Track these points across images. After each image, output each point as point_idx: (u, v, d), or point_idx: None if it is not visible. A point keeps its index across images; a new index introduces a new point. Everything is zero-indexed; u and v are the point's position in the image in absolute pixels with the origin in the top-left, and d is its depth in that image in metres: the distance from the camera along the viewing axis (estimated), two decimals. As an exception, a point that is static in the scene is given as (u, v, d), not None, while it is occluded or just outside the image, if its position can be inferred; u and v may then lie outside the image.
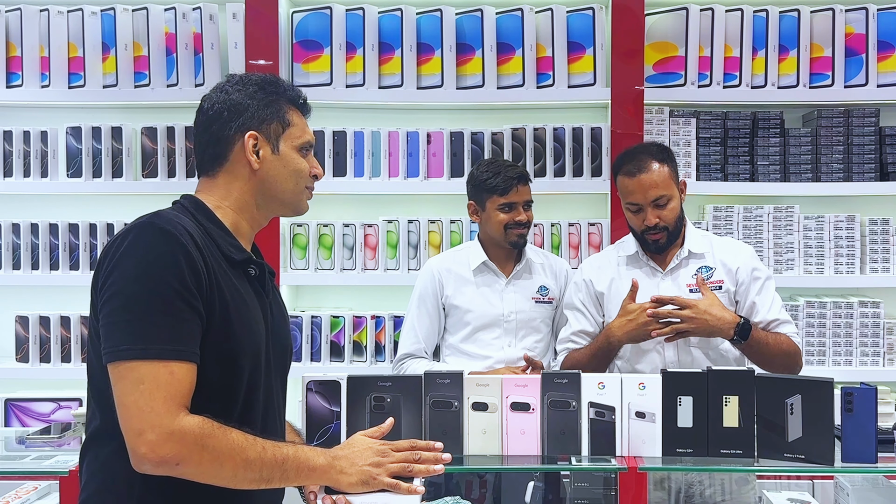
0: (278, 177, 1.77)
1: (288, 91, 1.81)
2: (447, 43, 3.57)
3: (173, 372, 1.50)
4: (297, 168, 1.80)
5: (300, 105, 1.84)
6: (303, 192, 1.84)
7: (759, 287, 2.66)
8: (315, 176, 1.86)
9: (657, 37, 3.61)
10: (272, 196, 1.78)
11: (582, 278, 2.80)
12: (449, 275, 2.96)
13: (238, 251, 1.70)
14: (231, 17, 3.58)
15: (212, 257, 1.61)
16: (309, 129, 1.84)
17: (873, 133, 3.58)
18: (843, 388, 2.12)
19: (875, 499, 2.47)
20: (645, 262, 2.72)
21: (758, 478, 2.97)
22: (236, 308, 1.62)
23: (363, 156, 3.59)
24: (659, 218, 2.61)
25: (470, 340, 2.92)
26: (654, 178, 2.60)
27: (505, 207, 2.88)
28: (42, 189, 3.63)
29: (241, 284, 1.67)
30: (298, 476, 1.62)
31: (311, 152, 1.85)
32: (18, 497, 2.46)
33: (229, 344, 1.60)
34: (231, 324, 1.60)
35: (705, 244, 2.73)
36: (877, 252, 3.54)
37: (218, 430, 1.52)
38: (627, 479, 2.09)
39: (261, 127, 1.74)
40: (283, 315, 1.84)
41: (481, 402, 2.18)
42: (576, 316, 2.78)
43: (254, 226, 1.79)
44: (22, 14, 3.62)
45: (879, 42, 3.56)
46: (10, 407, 3.56)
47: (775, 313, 2.64)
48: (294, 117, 1.81)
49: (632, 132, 3.47)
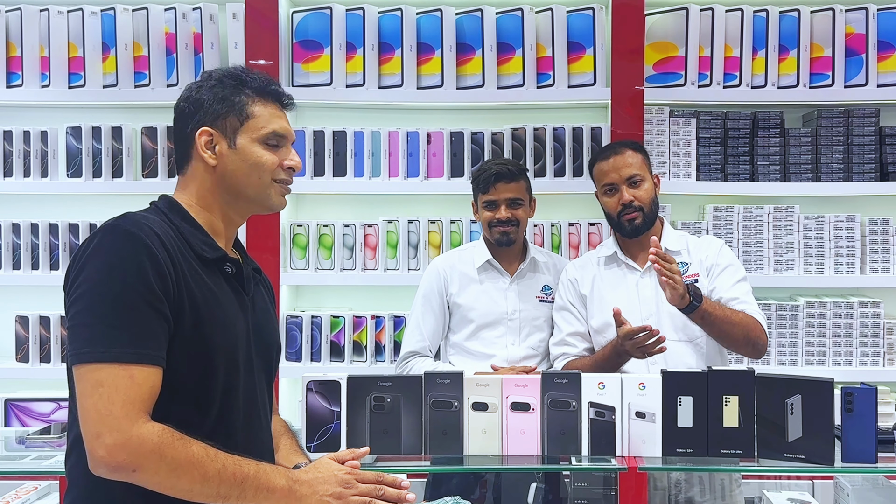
0: (237, 172, 1.71)
1: (253, 82, 1.74)
2: (447, 43, 3.56)
3: (133, 375, 1.48)
4: (256, 161, 1.71)
5: (270, 95, 1.76)
6: (269, 186, 1.73)
7: (721, 271, 2.71)
8: (291, 168, 1.75)
9: (657, 37, 3.61)
10: (236, 192, 1.72)
11: (567, 278, 2.86)
12: (453, 273, 2.97)
13: (212, 249, 1.67)
14: (231, 17, 3.58)
15: (182, 257, 1.60)
16: (278, 120, 1.75)
17: (873, 133, 3.58)
18: (843, 388, 2.12)
19: (875, 499, 2.47)
20: (623, 261, 2.77)
21: (758, 478, 2.98)
22: (208, 307, 1.60)
23: (363, 156, 3.59)
24: (634, 197, 2.69)
25: (474, 339, 2.93)
26: (627, 159, 2.73)
27: (487, 205, 2.90)
28: (42, 189, 3.62)
29: (215, 282, 1.65)
30: (257, 497, 1.54)
31: (284, 143, 1.75)
32: (18, 497, 2.46)
33: (201, 343, 1.58)
34: (202, 323, 1.58)
35: (681, 242, 2.80)
36: (877, 252, 3.54)
37: (178, 441, 1.49)
38: (627, 479, 2.09)
39: (215, 122, 1.70)
40: (266, 312, 1.81)
41: (481, 402, 2.18)
42: (565, 317, 2.82)
43: (228, 223, 1.75)
44: (22, 14, 3.62)
45: (879, 42, 3.56)
46: (10, 407, 3.56)
47: (736, 293, 2.66)
48: (257, 109, 1.72)
49: (632, 132, 3.47)
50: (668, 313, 2.66)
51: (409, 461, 2.21)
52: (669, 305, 2.64)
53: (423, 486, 2.88)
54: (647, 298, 2.72)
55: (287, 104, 1.80)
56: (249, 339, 1.70)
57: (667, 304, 2.64)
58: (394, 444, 2.17)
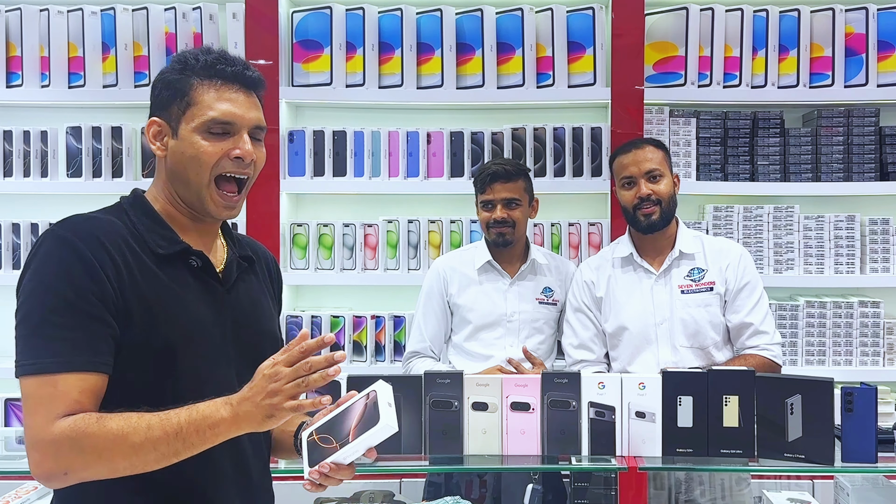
0: (178, 165, 1.59)
1: (197, 63, 1.58)
2: (447, 43, 3.56)
3: (57, 385, 1.44)
4: (193, 154, 1.57)
5: (215, 75, 1.58)
6: (205, 187, 1.58)
7: (740, 290, 2.69)
8: (240, 159, 1.57)
9: (657, 37, 3.60)
10: (182, 188, 1.61)
11: (583, 280, 2.83)
12: (454, 274, 2.97)
13: (170, 244, 1.59)
14: (231, 17, 3.58)
15: (132, 256, 1.53)
16: (222, 104, 1.57)
17: (873, 133, 3.58)
18: (843, 388, 2.12)
19: (875, 499, 2.47)
20: (638, 263, 2.75)
21: (758, 477, 2.97)
22: (162, 305, 1.53)
23: (363, 156, 3.59)
24: (652, 191, 2.67)
25: (473, 339, 2.93)
26: (647, 154, 2.72)
27: (484, 205, 2.90)
28: (42, 189, 3.62)
29: (175, 277, 1.57)
30: (205, 438, 1.44)
31: (234, 131, 1.58)
32: (18, 497, 2.46)
33: (156, 342, 1.52)
34: (157, 322, 1.52)
35: (696, 245, 2.76)
36: (877, 252, 3.54)
37: (94, 424, 1.42)
38: (627, 479, 2.09)
39: (162, 111, 1.61)
40: (256, 303, 1.71)
41: (481, 402, 2.18)
42: (581, 320, 2.80)
43: (193, 217, 1.64)
44: (22, 14, 3.62)
45: (879, 42, 3.56)
46: (10, 407, 3.56)
47: (753, 317, 2.66)
48: (199, 93, 1.57)
49: (632, 132, 3.47)
50: (681, 319, 2.66)
51: (409, 461, 2.22)
52: (683, 310, 2.65)
53: (423, 487, 2.88)
54: (662, 303, 2.70)
55: (244, 82, 1.60)
56: (225, 332, 1.62)
57: (681, 309, 2.65)
58: (394, 443, 2.15)
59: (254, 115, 1.61)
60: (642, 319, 2.69)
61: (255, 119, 1.61)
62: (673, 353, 2.65)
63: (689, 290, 2.68)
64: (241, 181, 1.62)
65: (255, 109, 1.62)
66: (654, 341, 2.68)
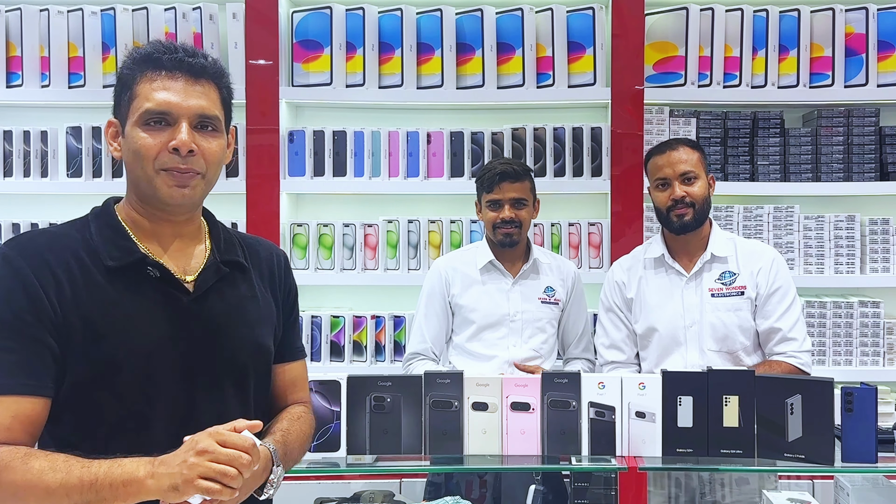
0: (127, 163, 1.53)
1: (136, 53, 1.53)
2: (447, 43, 3.56)
3: None
4: (134, 148, 1.50)
5: (152, 64, 1.50)
6: (153, 176, 1.50)
7: (770, 294, 2.66)
8: (177, 150, 1.48)
9: (657, 37, 3.60)
10: (137, 186, 1.54)
11: (615, 280, 2.82)
12: (455, 274, 2.96)
13: (124, 255, 1.52)
14: (231, 17, 3.58)
15: (80, 271, 1.48)
16: (158, 94, 1.49)
17: (873, 133, 3.58)
18: (843, 388, 2.12)
19: (875, 499, 2.47)
20: (670, 265, 2.73)
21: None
22: (107, 319, 1.48)
23: (363, 156, 3.59)
24: (686, 193, 2.64)
25: (475, 340, 2.92)
26: (682, 155, 2.68)
27: (491, 205, 2.89)
28: (42, 189, 3.62)
29: (128, 290, 1.51)
30: (117, 494, 1.36)
31: (174, 121, 1.49)
32: (18, 497, 2.46)
33: (97, 358, 1.47)
34: (97, 337, 1.47)
35: (729, 247, 2.73)
36: (877, 252, 3.54)
37: (18, 460, 1.38)
38: (627, 479, 2.09)
39: (118, 109, 1.56)
40: (233, 313, 1.61)
41: (481, 402, 2.18)
42: (612, 320, 2.80)
43: (157, 220, 1.57)
44: (22, 14, 3.62)
45: (879, 42, 3.56)
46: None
47: (783, 323, 2.63)
48: (141, 86, 1.50)
49: (632, 132, 3.47)
50: (710, 323, 2.65)
51: (409, 461, 2.21)
52: (713, 314, 2.64)
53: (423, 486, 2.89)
54: (692, 306, 2.68)
55: (188, 70, 1.50)
56: (189, 345, 1.53)
57: (710, 312, 2.64)
58: (394, 443, 2.17)
59: (195, 104, 1.51)
60: (672, 321, 2.67)
61: (197, 107, 1.51)
62: (701, 357, 2.63)
63: (720, 293, 2.66)
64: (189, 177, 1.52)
65: (200, 98, 1.52)
66: (683, 344, 2.66)
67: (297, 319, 1.81)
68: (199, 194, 1.56)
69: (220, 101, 1.58)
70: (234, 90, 1.65)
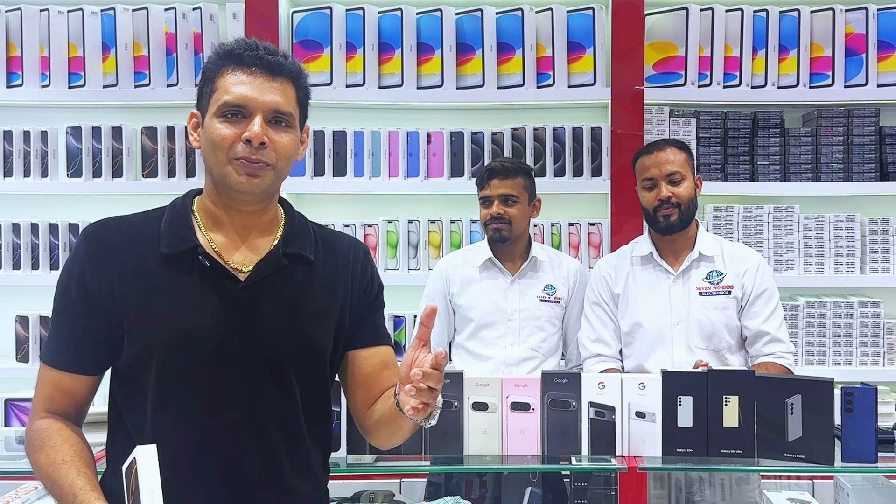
0: (204, 153, 1.58)
1: (222, 49, 1.58)
2: (447, 43, 3.56)
3: (44, 375, 1.60)
4: (210, 139, 1.55)
5: (233, 60, 1.56)
6: (225, 165, 1.55)
7: (756, 298, 2.69)
8: (249, 142, 1.53)
9: (657, 37, 3.60)
10: (211, 176, 1.60)
11: (602, 275, 2.84)
12: (455, 273, 2.97)
13: (179, 243, 1.57)
14: (231, 17, 3.58)
15: (138, 257, 1.56)
16: (237, 87, 1.55)
17: (873, 133, 3.58)
18: (843, 388, 2.12)
19: (875, 499, 2.47)
20: (657, 263, 2.75)
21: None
22: (152, 305, 1.54)
23: (363, 156, 3.59)
24: (672, 193, 2.67)
25: (474, 338, 2.93)
26: (669, 156, 2.71)
27: (483, 202, 2.93)
28: (42, 189, 3.62)
29: (181, 277, 1.56)
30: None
31: (249, 114, 1.55)
32: (18, 497, 2.46)
33: (136, 342, 1.55)
34: (141, 322, 1.54)
35: (716, 247, 2.76)
36: (877, 252, 3.54)
37: (36, 443, 1.55)
38: (627, 479, 2.09)
39: (200, 101, 1.61)
40: (284, 306, 1.61)
41: (481, 401, 2.18)
42: (598, 314, 2.81)
43: (229, 209, 1.61)
44: (22, 14, 3.62)
45: (879, 42, 3.56)
46: (10, 407, 3.55)
47: (768, 326, 2.67)
48: (221, 79, 1.56)
49: (632, 132, 3.47)
50: (698, 321, 2.66)
51: (409, 461, 2.21)
52: (700, 312, 2.65)
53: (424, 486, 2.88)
54: (679, 304, 2.70)
55: (266, 66, 1.56)
56: (233, 334, 1.56)
57: (698, 310, 2.66)
58: (394, 443, 2.17)
59: (270, 99, 1.56)
60: (658, 318, 2.69)
61: (272, 103, 1.56)
62: (688, 354, 2.64)
63: (707, 292, 2.69)
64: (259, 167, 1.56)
65: (276, 94, 1.57)
66: (669, 341, 2.68)
67: (379, 308, 1.78)
68: (267, 184, 1.59)
69: (296, 99, 1.64)
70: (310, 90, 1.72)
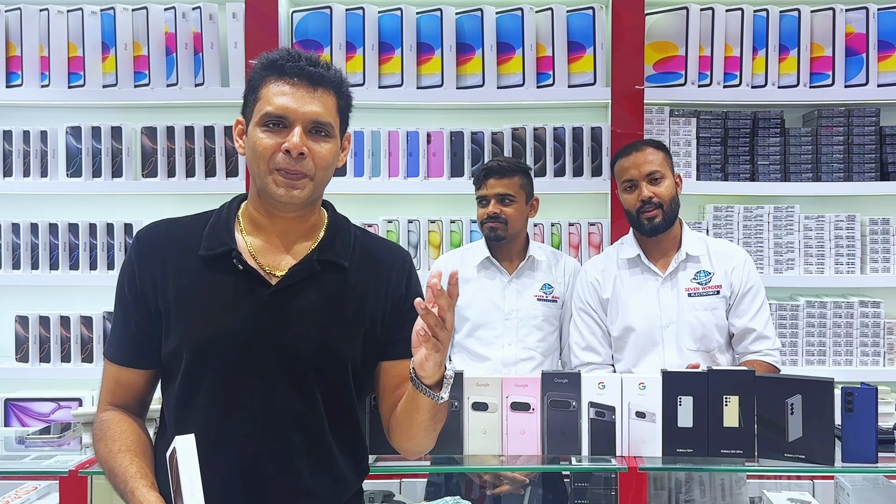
0: (248, 161, 1.64)
1: (266, 59, 1.62)
2: (447, 43, 3.56)
3: (106, 368, 1.70)
4: (253, 147, 1.60)
5: (276, 70, 1.59)
6: (266, 175, 1.59)
7: (743, 296, 2.69)
8: (289, 152, 1.57)
9: (657, 36, 3.60)
10: (255, 182, 1.65)
11: (589, 281, 2.81)
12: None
13: (216, 245, 1.63)
14: (231, 17, 3.58)
15: (181, 258, 1.64)
16: (278, 98, 1.57)
17: (873, 133, 3.58)
18: (844, 388, 2.11)
19: (875, 499, 2.47)
20: (645, 265, 2.74)
21: (758, 478, 2.97)
22: (187, 307, 1.61)
23: (363, 156, 3.59)
24: (654, 193, 2.66)
25: (471, 337, 2.93)
26: (648, 156, 2.70)
27: (480, 201, 2.94)
28: (42, 189, 3.62)
29: (217, 279, 1.61)
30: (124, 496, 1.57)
31: (290, 124, 1.58)
32: (18, 497, 2.46)
33: (169, 343, 1.63)
34: (175, 324, 1.62)
35: (701, 247, 2.75)
36: (877, 252, 3.54)
37: (98, 434, 1.65)
38: (627, 479, 2.09)
39: (245, 109, 1.65)
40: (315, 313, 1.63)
41: (481, 401, 2.18)
42: (586, 321, 2.79)
43: (271, 216, 1.65)
44: (22, 14, 3.62)
45: (880, 42, 3.56)
46: (10, 407, 3.55)
47: (755, 324, 2.66)
48: (264, 89, 1.60)
49: (632, 132, 3.47)
50: (688, 323, 2.66)
51: (409, 461, 2.21)
52: (690, 314, 2.65)
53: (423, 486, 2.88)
54: (669, 306, 2.69)
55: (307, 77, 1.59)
56: (252, 335, 1.60)
57: (688, 312, 2.65)
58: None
59: (310, 110, 1.59)
60: (648, 321, 2.68)
61: (312, 114, 1.59)
62: (679, 356, 2.64)
63: (696, 293, 2.68)
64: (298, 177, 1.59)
65: (316, 104, 1.60)
66: (659, 343, 2.67)
67: (412, 320, 1.63)
68: (306, 195, 1.62)
69: (337, 108, 1.67)
70: (352, 96, 1.75)
